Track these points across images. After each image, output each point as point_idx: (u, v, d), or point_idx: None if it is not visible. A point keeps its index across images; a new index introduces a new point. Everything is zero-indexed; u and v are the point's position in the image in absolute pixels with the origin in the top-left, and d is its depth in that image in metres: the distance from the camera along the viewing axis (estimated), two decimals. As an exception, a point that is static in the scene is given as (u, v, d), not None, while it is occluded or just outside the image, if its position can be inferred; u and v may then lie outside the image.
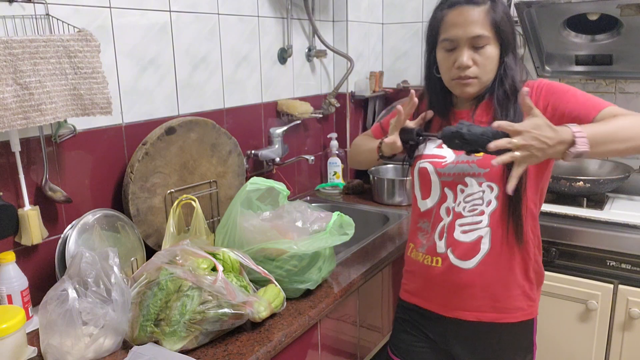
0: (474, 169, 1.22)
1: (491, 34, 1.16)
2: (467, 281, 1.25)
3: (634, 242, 1.70)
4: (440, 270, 1.27)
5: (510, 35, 1.19)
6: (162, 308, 1.10)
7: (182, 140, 1.55)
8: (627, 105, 2.09)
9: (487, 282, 1.24)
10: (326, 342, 1.41)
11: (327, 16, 2.30)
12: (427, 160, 1.29)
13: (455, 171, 1.24)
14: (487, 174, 1.20)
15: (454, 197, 1.25)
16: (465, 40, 1.16)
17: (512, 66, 1.20)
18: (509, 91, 1.20)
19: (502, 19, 1.16)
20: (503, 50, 1.19)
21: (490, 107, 1.24)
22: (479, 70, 1.18)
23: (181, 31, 1.64)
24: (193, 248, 1.21)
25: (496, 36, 1.17)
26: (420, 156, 1.31)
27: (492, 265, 1.23)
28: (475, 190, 1.22)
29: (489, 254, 1.23)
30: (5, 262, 1.19)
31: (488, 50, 1.17)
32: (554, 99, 1.17)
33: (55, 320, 1.05)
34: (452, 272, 1.26)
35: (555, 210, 1.88)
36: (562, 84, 1.20)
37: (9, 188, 1.25)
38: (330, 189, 2.34)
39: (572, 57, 2.11)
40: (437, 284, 1.29)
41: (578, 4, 1.85)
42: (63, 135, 1.34)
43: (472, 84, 1.20)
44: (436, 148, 1.30)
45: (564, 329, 1.83)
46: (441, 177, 1.26)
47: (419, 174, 1.31)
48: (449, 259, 1.26)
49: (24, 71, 1.12)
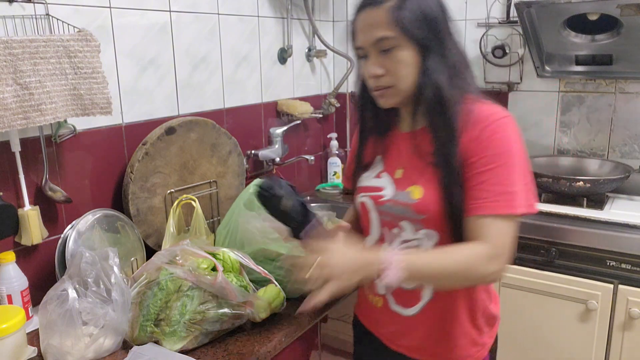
0: (410, 213, 1.04)
1: (398, 35, 0.98)
2: (407, 328, 1.13)
3: (634, 242, 1.70)
4: (380, 311, 1.17)
5: (429, 35, 0.98)
6: (162, 308, 1.10)
7: (182, 140, 1.55)
8: (627, 105, 2.10)
9: (429, 331, 1.11)
10: (326, 342, 1.41)
11: (327, 16, 2.30)
12: (365, 194, 1.13)
13: (392, 211, 1.07)
14: (425, 220, 1.03)
15: (391, 240, 1.10)
16: (369, 46, 1.01)
17: (434, 71, 0.99)
18: (432, 103, 0.99)
19: (411, 16, 0.97)
20: (423, 52, 0.99)
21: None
22: (392, 78, 1.01)
23: (181, 31, 1.64)
24: (193, 248, 1.21)
25: (406, 36, 0.98)
26: (360, 188, 1.15)
27: (435, 314, 1.10)
28: (410, 237, 1.06)
29: (431, 302, 1.09)
30: (5, 262, 1.19)
31: (398, 54, 0.99)
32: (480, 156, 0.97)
33: (55, 320, 1.05)
34: (391, 316, 1.14)
35: (555, 210, 1.88)
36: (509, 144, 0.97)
37: (9, 188, 1.25)
38: (330, 189, 2.34)
39: (572, 57, 2.10)
40: (379, 319, 1.19)
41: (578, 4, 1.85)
42: (63, 135, 1.34)
43: (387, 94, 1.03)
44: (375, 178, 1.12)
45: (564, 329, 1.83)
46: (381, 215, 1.10)
47: (360, 209, 1.16)
48: (388, 303, 1.14)
49: (24, 71, 1.12)
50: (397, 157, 1.10)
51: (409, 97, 1.03)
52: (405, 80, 1.01)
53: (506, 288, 1.91)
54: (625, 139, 2.13)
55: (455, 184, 0.98)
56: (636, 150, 2.12)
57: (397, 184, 1.07)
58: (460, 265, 0.94)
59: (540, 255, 1.85)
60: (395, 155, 1.11)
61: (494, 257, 0.94)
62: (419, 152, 1.04)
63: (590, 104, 2.17)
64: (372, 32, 1.00)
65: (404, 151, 1.09)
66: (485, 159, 0.96)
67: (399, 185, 1.07)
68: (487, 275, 0.95)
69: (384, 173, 1.11)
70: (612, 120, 2.14)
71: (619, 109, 2.12)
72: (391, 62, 1.00)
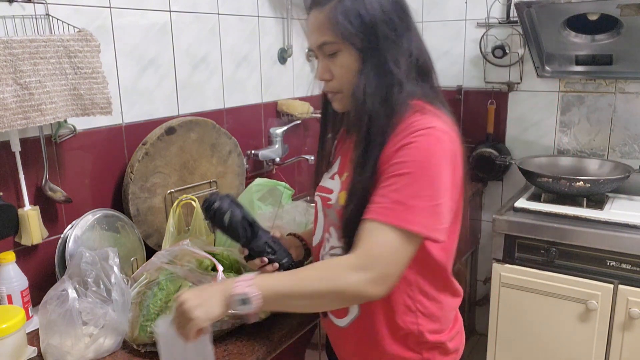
0: (336, 220, 0.99)
1: (338, 39, 0.93)
2: (341, 338, 1.11)
3: (634, 242, 1.70)
4: (323, 319, 1.16)
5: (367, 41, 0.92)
6: (162, 308, 1.10)
7: (182, 140, 1.55)
8: (627, 105, 2.10)
9: (359, 347, 1.07)
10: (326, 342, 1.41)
11: (327, 16, 2.30)
12: (318, 194, 1.09)
13: (330, 216, 1.03)
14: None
15: (324, 245, 1.07)
16: (315, 49, 0.98)
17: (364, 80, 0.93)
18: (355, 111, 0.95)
19: (348, 18, 0.92)
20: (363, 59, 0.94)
21: None
22: (338, 83, 0.98)
23: (181, 31, 1.64)
24: (193, 248, 1.21)
25: (347, 41, 0.93)
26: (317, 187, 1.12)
27: (361, 331, 1.05)
28: (336, 244, 1.02)
29: (358, 318, 1.04)
30: (5, 262, 1.19)
31: (341, 59, 0.95)
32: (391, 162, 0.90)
33: (55, 320, 1.05)
34: (328, 323, 1.13)
35: (555, 210, 1.88)
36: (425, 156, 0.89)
37: (9, 188, 1.25)
38: (330, 189, 2.33)
39: (572, 57, 2.11)
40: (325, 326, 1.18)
41: (578, 4, 1.85)
42: (63, 135, 1.34)
43: (336, 98, 1.01)
44: (330, 179, 1.08)
45: (564, 329, 1.83)
46: (325, 217, 1.06)
47: (314, 207, 1.12)
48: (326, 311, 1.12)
49: (24, 71, 1.12)
50: (347, 161, 1.04)
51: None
52: (351, 86, 0.96)
53: (506, 288, 1.91)
54: (625, 139, 2.14)
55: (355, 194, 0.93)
56: (636, 150, 2.12)
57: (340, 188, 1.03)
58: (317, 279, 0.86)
59: (540, 255, 1.85)
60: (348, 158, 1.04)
61: (358, 268, 0.85)
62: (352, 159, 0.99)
63: (590, 104, 2.17)
64: (316, 36, 0.97)
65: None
66: (395, 165, 0.89)
67: (340, 189, 1.03)
68: (347, 288, 0.85)
69: (336, 175, 1.07)
70: (612, 120, 2.14)
71: (619, 109, 2.12)
72: (336, 66, 0.97)
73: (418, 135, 0.89)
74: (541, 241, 1.83)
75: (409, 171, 0.87)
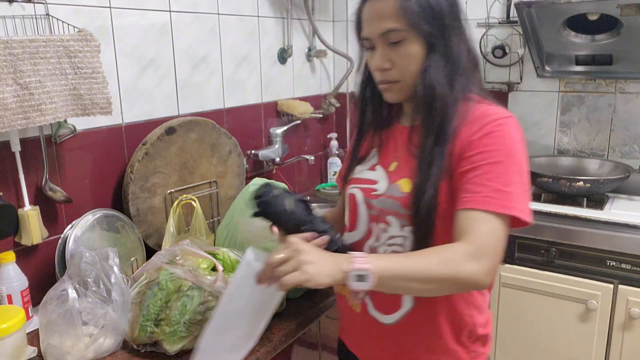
0: (398, 208, 0.99)
1: (406, 27, 0.93)
2: (385, 337, 1.06)
3: (634, 242, 1.70)
4: (359, 317, 1.10)
5: (434, 30, 0.94)
6: (162, 308, 1.10)
7: (182, 140, 1.55)
8: (627, 105, 2.10)
9: (408, 344, 1.04)
10: (326, 342, 1.41)
11: (327, 16, 2.30)
12: (357, 186, 1.07)
13: (381, 206, 1.02)
14: (410, 216, 0.97)
15: (377, 236, 1.04)
16: (377, 37, 0.97)
17: (434, 69, 0.95)
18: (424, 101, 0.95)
19: (420, 8, 0.93)
20: (428, 47, 0.95)
21: None
22: (399, 73, 0.97)
23: (181, 31, 1.64)
24: (193, 248, 1.21)
25: (414, 30, 0.94)
26: (353, 179, 1.10)
27: (416, 326, 1.03)
28: (396, 233, 1.00)
29: (412, 312, 1.02)
30: (5, 262, 1.19)
31: (406, 48, 0.95)
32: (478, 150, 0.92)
33: (55, 320, 1.05)
34: (369, 323, 1.07)
35: (555, 210, 1.88)
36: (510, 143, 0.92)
37: (9, 188, 1.25)
38: (330, 189, 2.34)
39: (572, 57, 2.10)
40: (357, 329, 1.12)
41: (578, 4, 1.85)
42: (63, 135, 1.34)
43: (393, 89, 1.00)
44: (369, 170, 1.07)
45: (564, 329, 1.83)
46: (369, 209, 1.04)
47: (349, 201, 1.09)
48: (367, 307, 1.07)
49: (24, 71, 1.12)
50: (393, 151, 1.06)
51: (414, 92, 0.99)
52: (412, 76, 0.97)
53: (506, 288, 1.91)
54: (625, 139, 2.13)
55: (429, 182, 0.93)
56: (636, 150, 2.12)
57: (389, 177, 1.03)
58: (435, 265, 0.86)
59: (540, 255, 1.85)
60: (391, 149, 1.07)
61: (474, 256, 0.86)
62: (412, 147, 1.00)
63: (590, 104, 2.17)
64: (380, 23, 0.95)
65: (400, 144, 1.05)
66: (483, 154, 0.91)
67: (391, 179, 1.02)
68: (467, 277, 0.86)
69: (378, 166, 1.07)
70: (612, 120, 2.14)
71: (619, 109, 2.12)
72: (399, 55, 0.96)
73: (499, 124, 0.93)
74: (541, 241, 1.83)
75: (500, 160, 0.90)
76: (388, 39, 0.96)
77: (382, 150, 1.08)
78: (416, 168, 0.96)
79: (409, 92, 0.99)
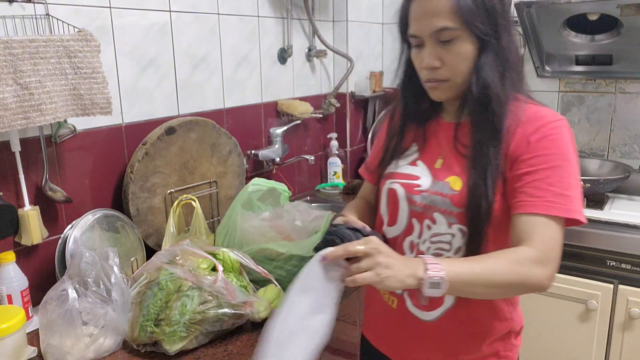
0: (447, 205, 0.98)
1: (459, 26, 0.93)
2: (424, 335, 1.05)
3: (634, 242, 1.70)
4: (395, 313, 1.08)
5: (488, 28, 0.94)
6: (162, 308, 1.10)
7: (182, 140, 1.55)
8: (627, 105, 2.10)
9: (449, 341, 1.05)
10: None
11: (327, 16, 2.30)
12: (398, 181, 1.06)
13: (426, 202, 1.01)
14: (461, 214, 0.97)
15: (419, 232, 1.03)
16: (427, 35, 0.95)
17: (488, 68, 0.95)
18: (478, 99, 0.95)
19: (474, 7, 0.93)
20: (480, 46, 0.95)
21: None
22: (448, 71, 0.96)
23: (181, 31, 1.64)
24: (193, 248, 1.21)
25: (467, 29, 0.93)
26: (391, 174, 1.09)
27: (457, 323, 1.03)
28: (443, 230, 1.00)
29: (453, 308, 1.02)
30: (5, 262, 1.19)
31: (457, 46, 0.94)
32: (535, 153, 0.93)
33: (55, 320, 1.05)
34: (407, 320, 1.06)
35: (555, 210, 1.88)
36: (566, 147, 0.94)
37: (9, 188, 1.25)
38: (330, 189, 2.34)
39: (572, 57, 2.11)
40: (391, 326, 1.11)
41: (578, 4, 1.85)
42: (63, 135, 1.34)
43: (442, 87, 0.99)
44: (410, 165, 1.07)
45: (564, 329, 1.83)
46: (411, 204, 1.04)
47: (387, 195, 1.08)
48: (405, 303, 1.06)
49: (24, 71, 1.12)
50: (436, 147, 1.05)
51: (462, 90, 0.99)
52: (462, 75, 0.97)
53: (506, 288, 1.91)
54: (625, 139, 2.14)
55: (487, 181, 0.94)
56: (636, 150, 2.12)
57: (435, 174, 1.02)
58: (505, 271, 0.87)
59: (540, 255, 1.85)
60: (434, 145, 1.06)
61: (541, 262, 0.88)
62: (460, 145, 1.00)
63: (590, 104, 2.17)
64: (432, 21, 0.94)
65: (444, 141, 1.04)
66: (542, 157, 0.92)
67: (437, 175, 1.02)
68: (535, 283, 0.88)
69: (419, 161, 1.06)
70: (612, 120, 2.14)
71: (619, 109, 2.12)
72: (450, 54, 0.95)
73: (555, 127, 0.94)
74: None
75: (558, 163, 0.92)
76: (439, 37, 0.95)
77: (424, 145, 1.08)
78: (469, 167, 0.96)
79: (457, 91, 0.99)
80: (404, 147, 1.10)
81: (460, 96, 1.01)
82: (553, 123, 0.94)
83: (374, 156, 1.18)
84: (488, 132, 0.95)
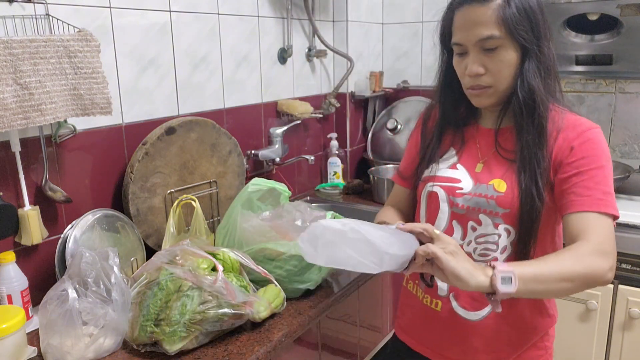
0: (492, 207, 1.03)
1: (504, 35, 0.97)
2: (470, 335, 1.09)
3: (634, 242, 1.70)
4: (439, 315, 1.12)
5: (530, 36, 0.98)
6: (162, 308, 1.10)
7: (182, 140, 1.55)
8: (627, 105, 2.10)
9: (495, 339, 1.08)
10: (326, 342, 1.41)
11: (327, 16, 2.30)
12: (439, 184, 1.10)
13: (470, 204, 1.05)
14: (507, 214, 1.02)
15: (462, 234, 1.07)
16: (472, 44, 0.99)
17: (532, 74, 0.99)
18: (524, 105, 1.00)
19: (518, 16, 0.97)
20: (523, 53, 0.99)
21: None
22: (492, 78, 1.00)
23: (181, 31, 1.64)
24: (193, 248, 1.21)
25: (511, 37, 0.97)
26: (431, 177, 1.12)
27: (501, 321, 1.07)
28: (489, 231, 1.04)
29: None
30: (5, 262, 1.19)
31: (501, 54, 0.98)
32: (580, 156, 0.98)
33: (55, 320, 1.05)
34: (453, 321, 1.10)
35: (555, 210, 1.88)
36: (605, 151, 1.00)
37: (9, 188, 1.25)
38: (330, 189, 2.34)
39: (572, 57, 2.11)
40: (434, 328, 1.14)
41: (578, 4, 1.85)
42: (63, 135, 1.34)
43: (485, 94, 1.03)
44: (450, 169, 1.11)
45: (564, 329, 1.83)
46: (453, 207, 1.08)
47: (427, 198, 1.12)
48: (450, 305, 1.10)
49: (24, 71, 1.12)
50: (475, 152, 1.10)
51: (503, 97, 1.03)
52: (506, 82, 1.01)
53: (506, 288, 1.91)
54: (625, 139, 2.14)
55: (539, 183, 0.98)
56: (636, 150, 2.12)
57: (476, 178, 1.07)
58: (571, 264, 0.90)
59: (540, 255, 1.85)
60: (473, 150, 1.11)
61: (604, 254, 0.91)
62: (502, 150, 1.05)
63: (590, 104, 2.17)
64: (477, 30, 0.98)
65: (484, 146, 1.09)
66: (587, 159, 0.98)
67: (479, 179, 1.06)
68: (600, 272, 0.91)
69: (459, 164, 1.10)
70: (612, 120, 2.14)
71: (619, 109, 2.12)
72: (493, 62, 0.99)
73: (595, 133, 1.01)
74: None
75: (602, 164, 0.98)
76: (484, 45, 0.99)
77: (462, 150, 1.12)
78: (519, 170, 1.01)
79: (499, 98, 1.03)
80: (442, 150, 1.14)
81: (500, 103, 1.05)
82: (592, 130, 1.00)
83: (408, 162, 1.22)
84: (534, 136, 1.00)
